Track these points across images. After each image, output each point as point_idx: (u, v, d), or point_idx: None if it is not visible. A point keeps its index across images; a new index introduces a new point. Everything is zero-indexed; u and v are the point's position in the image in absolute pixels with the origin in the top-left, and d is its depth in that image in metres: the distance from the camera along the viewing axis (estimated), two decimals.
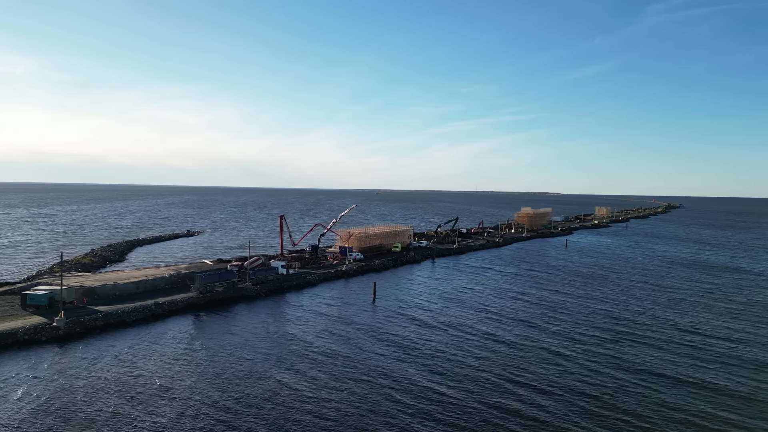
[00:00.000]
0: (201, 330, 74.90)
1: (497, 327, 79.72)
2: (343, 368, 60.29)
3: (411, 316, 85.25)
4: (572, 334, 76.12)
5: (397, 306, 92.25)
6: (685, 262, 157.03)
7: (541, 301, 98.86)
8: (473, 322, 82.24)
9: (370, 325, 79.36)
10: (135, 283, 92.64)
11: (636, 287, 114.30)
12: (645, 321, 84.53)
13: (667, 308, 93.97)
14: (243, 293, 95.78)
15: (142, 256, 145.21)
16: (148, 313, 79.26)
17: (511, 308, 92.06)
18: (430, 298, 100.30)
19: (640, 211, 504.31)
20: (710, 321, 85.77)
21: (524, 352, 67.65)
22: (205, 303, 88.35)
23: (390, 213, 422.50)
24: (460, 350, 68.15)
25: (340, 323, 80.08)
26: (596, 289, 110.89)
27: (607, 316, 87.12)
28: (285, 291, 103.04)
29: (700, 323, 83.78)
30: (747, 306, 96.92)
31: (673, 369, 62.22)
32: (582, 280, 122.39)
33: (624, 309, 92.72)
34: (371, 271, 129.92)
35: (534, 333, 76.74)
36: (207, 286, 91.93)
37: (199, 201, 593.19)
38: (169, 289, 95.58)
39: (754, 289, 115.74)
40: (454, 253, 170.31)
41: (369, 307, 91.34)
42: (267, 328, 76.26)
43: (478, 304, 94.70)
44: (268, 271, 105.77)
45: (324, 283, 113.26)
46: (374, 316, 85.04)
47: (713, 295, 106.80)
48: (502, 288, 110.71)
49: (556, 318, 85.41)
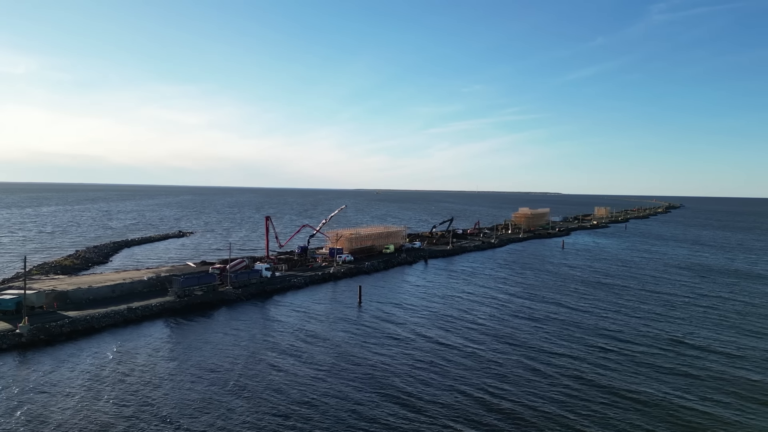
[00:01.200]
0: (174, 336, 71.62)
1: (479, 336, 75.97)
2: (320, 379, 56.98)
3: (396, 322, 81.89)
4: (557, 347, 72.18)
5: (383, 311, 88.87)
6: (681, 265, 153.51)
7: (528, 308, 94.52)
8: (456, 330, 78.85)
9: (354, 332, 76.03)
10: (111, 287, 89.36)
11: (629, 293, 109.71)
12: (634, 331, 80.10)
13: (659, 317, 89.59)
14: (223, 297, 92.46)
15: (127, 258, 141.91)
16: (119, 318, 75.96)
17: (496, 316, 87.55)
18: (418, 302, 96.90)
19: (639, 212, 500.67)
20: (703, 332, 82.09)
21: (502, 366, 64.15)
22: (181, 307, 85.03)
23: (389, 213, 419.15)
24: (441, 360, 64.80)
25: (321, 329, 76.72)
26: (587, 296, 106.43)
27: (596, 326, 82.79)
28: (268, 294, 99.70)
29: (692, 334, 79.57)
30: (741, 316, 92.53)
31: (659, 388, 58.87)
32: (574, 285, 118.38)
33: (614, 318, 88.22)
34: (360, 273, 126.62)
35: (516, 342, 73.06)
36: (185, 289, 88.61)
37: (196, 201, 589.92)
38: (147, 292, 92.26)
39: (750, 295, 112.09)
40: (447, 254, 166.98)
41: (354, 312, 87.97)
42: (242, 335, 72.89)
43: (463, 311, 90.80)
44: (251, 274, 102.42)
45: (310, 286, 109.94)
46: (358, 322, 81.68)
47: (708, 302, 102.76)
48: (490, 293, 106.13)
49: (542, 328, 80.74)
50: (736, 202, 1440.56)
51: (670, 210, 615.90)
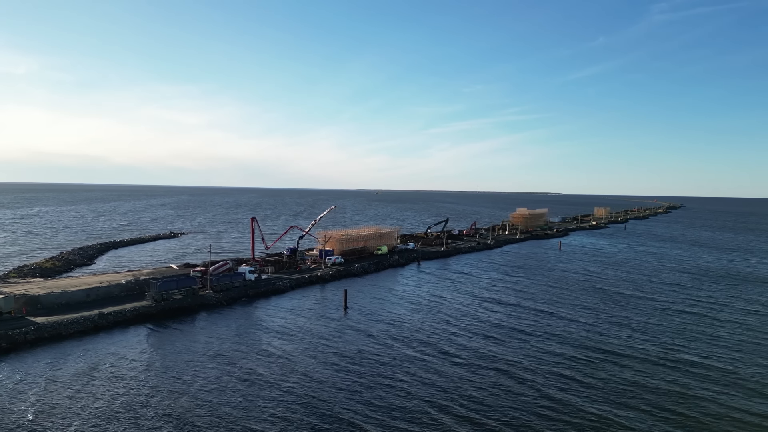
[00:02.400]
0: (144, 344, 68.23)
1: (460, 347, 72.36)
2: (295, 391, 53.60)
3: (382, 329, 78.45)
4: (541, 361, 68.69)
5: (369, 316, 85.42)
6: (678, 268, 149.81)
7: (515, 315, 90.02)
8: (441, 338, 75.51)
9: (337, 338, 72.66)
10: (85, 291, 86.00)
11: (621, 299, 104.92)
12: (623, 343, 76.05)
13: (650, 327, 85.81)
14: (203, 302, 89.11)
15: (112, 260, 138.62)
16: (89, 324, 72.58)
17: (480, 325, 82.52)
18: (405, 307, 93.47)
19: (639, 212, 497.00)
20: (695, 344, 78.79)
21: (477, 381, 60.79)
22: (157, 313, 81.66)
23: (387, 214, 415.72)
24: (420, 372, 61.44)
25: (302, 336, 73.36)
26: (578, 303, 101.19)
27: (583, 338, 78.29)
28: (251, 299, 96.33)
29: (684, 346, 76.21)
30: (736, 325, 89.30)
31: (649, 401, 55.47)
32: (566, 289, 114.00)
33: (604, 325, 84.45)
34: (350, 275, 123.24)
35: (496, 355, 69.07)
36: (163, 294, 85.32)
37: (192, 202, 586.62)
38: (124, 296, 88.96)
39: (748, 303, 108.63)
40: (441, 256, 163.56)
41: (339, 318, 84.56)
42: (217, 343, 69.48)
43: (451, 317, 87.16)
44: (233, 277, 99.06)
45: (296, 289, 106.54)
46: (343, 328, 78.27)
47: (702, 309, 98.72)
48: (478, 299, 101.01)
49: (526, 339, 76.06)
50: (737, 202, 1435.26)
51: (671, 210, 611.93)
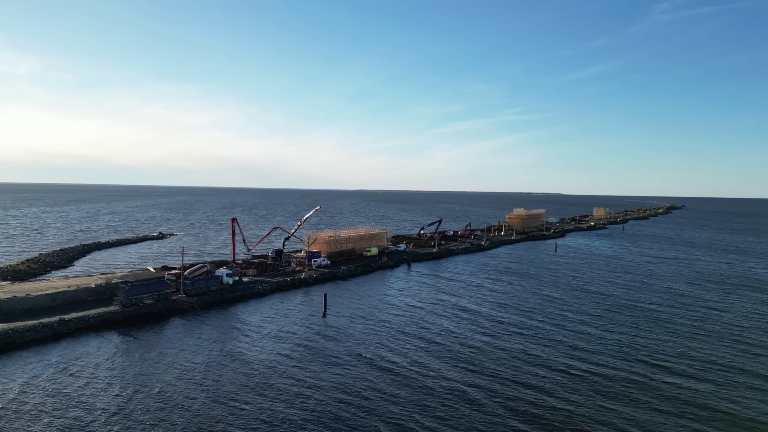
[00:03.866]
0: (105, 353, 64.23)
1: (436, 357, 68.50)
2: (262, 404, 49.62)
3: (359, 337, 74.48)
4: (519, 371, 64.70)
5: (348, 323, 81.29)
6: (672, 271, 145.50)
7: (498, 322, 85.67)
8: (416, 348, 71.54)
9: (312, 346, 68.73)
10: (51, 295, 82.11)
11: (612, 305, 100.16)
12: (608, 354, 71.88)
13: (639, 335, 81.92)
14: (175, 307, 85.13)
15: (92, 262, 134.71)
16: (47, 332, 68.64)
17: (460, 333, 78.51)
18: (388, 312, 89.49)
19: (639, 212, 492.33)
20: (686, 353, 74.73)
21: (450, 398, 56.80)
22: (124, 319, 77.73)
23: (385, 214, 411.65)
24: (392, 384, 57.45)
25: (275, 344, 69.51)
26: (566, 309, 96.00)
27: (567, 347, 74.17)
28: (228, 303, 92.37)
29: (674, 358, 72.05)
30: (731, 335, 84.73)
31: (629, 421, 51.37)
32: (555, 294, 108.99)
33: (589, 336, 79.26)
34: (335, 278, 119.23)
35: (474, 368, 65.30)
36: (132, 298, 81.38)
37: (188, 202, 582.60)
38: (92, 301, 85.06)
39: (745, 312, 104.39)
40: (433, 257, 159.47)
41: (316, 325, 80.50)
42: (180, 352, 65.44)
43: (427, 325, 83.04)
44: (209, 281, 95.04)
45: (277, 293, 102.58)
46: (319, 335, 74.31)
47: (696, 316, 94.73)
48: (463, 304, 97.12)
49: (505, 350, 72.34)
50: (738, 202, 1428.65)
51: (671, 211, 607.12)
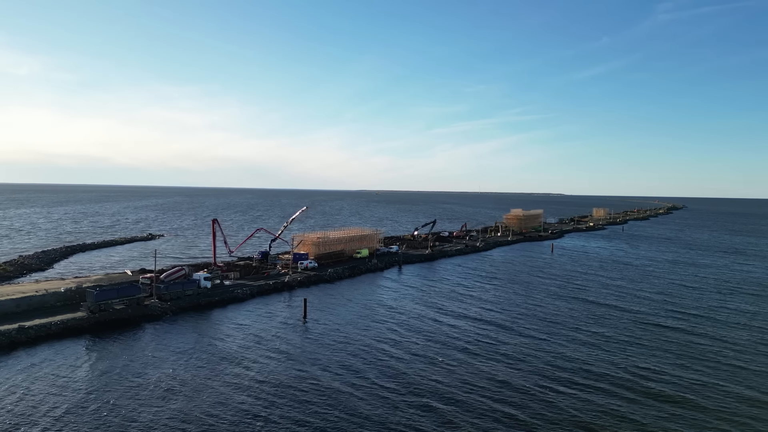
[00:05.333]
0: (66, 363, 60.34)
1: (413, 366, 64.79)
2: (221, 417, 45.77)
3: (338, 347, 70.52)
4: (496, 386, 60.98)
5: (328, 330, 77.28)
6: (668, 275, 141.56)
7: (481, 331, 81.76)
8: (393, 359, 67.62)
9: (285, 356, 64.86)
10: (16, 300, 78.27)
11: (602, 312, 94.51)
12: (592, 367, 67.80)
13: (627, 347, 77.80)
14: (146, 312, 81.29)
15: (72, 265, 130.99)
16: (4, 340, 64.90)
17: (437, 343, 74.19)
18: (371, 319, 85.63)
19: (639, 213, 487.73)
20: (675, 370, 70.75)
21: (414, 418, 52.87)
22: (90, 326, 73.90)
23: (384, 215, 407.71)
24: (365, 400, 53.54)
25: (245, 353, 65.61)
26: (554, 317, 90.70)
27: (548, 360, 70.80)
28: (204, 308, 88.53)
29: (663, 375, 68.15)
30: (720, 352, 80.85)
31: None
32: (546, 300, 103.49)
33: (574, 350, 74.14)
34: (321, 281, 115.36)
35: (449, 380, 61.84)
36: (101, 304, 77.60)
37: (185, 203, 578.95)
38: (60, 306, 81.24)
39: (741, 324, 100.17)
40: (425, 259, 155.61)
41: (294, 331, 76.71)
42: (143, 363, 61.58)
43: (411, 331, 79.56)
44: (186, 285, 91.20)
45: (258, 297, 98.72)
46: (292, 345, 70.43)
47: (686, 325, 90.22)
48: (449, 308, 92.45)
49: (485, 362, 67.84)
50: (739, 203, 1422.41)
51: (672, 211, 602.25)
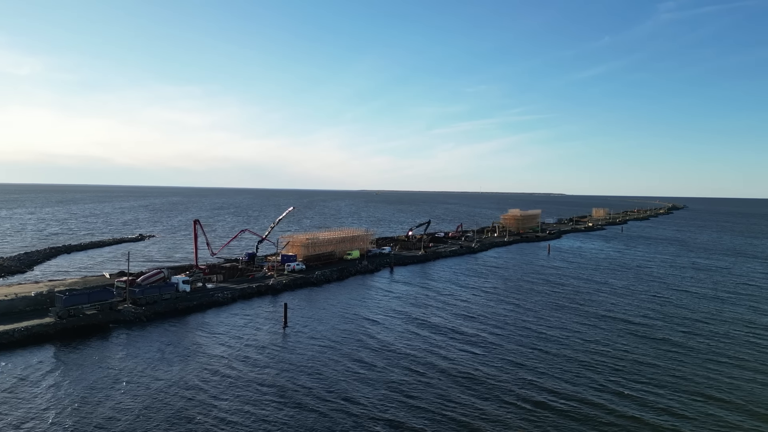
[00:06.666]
0: (21, 375, 56.87)
1: (389, 380, 61.31)
2: None
3: (316, 356, 67.06)
4: (477, 399, 57.59)
5: (308, 338, 73.60)
6: (666, 278, 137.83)
7: (466, 340, 78.48)
8: (374, 369, 64.14)
9: (258, 366, 61.34)
10: None
11: (590, 322, 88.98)
12: (575, 383, 64.03)
13: (615, 360, 74.60)
14: (119, 317, 77.78)
15: (56, 266, 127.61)
16: None
17: (417, 354, 71.36)
18: (355, 324, 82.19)
19: (639, 213, 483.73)
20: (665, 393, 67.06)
21: None
22: (57, 332, 70.39)
23: (382, 216, 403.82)
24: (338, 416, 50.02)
25: (215, 363, 62.08)
26: (544, 328, 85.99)
27: (530, 381, 67.74)
28: (181, 313, 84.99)
29: (651, 393, 64.60)
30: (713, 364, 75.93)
31: None
32: (536, 306, 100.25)
33: (561, 367, 69.11)
34: (307, 284, 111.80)
35: (420, 395, 58.38)
36: (70, 309, 74.13)
37: (181, 203, 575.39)
38: (29, 312, 77.74)
39: (731, 327, 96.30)
40: (418, 261, 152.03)
41: (273, 338, 73.15)
42: (106, 375, 58.04)
43: (395, 340, 76.15)
44: (163, 289, 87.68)
45: (240, 301, 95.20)
46: (271, 352, 66.92)
47: (680, 333, 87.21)
48: (432, 318, 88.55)
49: (468, 376, 64.92)
50: (740, 203, 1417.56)
51: (672, 211, 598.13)
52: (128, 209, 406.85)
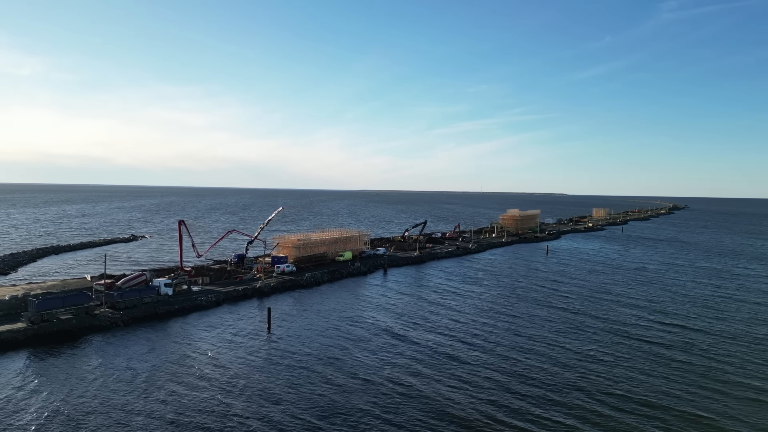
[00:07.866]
0: None
1: (370, 389, 58.24)
2: None
3: (298, 364, 63.92)
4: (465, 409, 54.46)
5: (292, 344, 70.34)
6: (662, 280, 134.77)
7: (455, 345, 76.18)
8: (356, 378, 61.04)
9: (235, 375, 58.24)
10: None
11: (584, 326, 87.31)
12: (564, 391, 61.44)
13: (608, 367, 71.64)
14: (95, 323, 74.70)
15: (41, 268, 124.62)
16: None
17: (404, 361, 69.17)
18: (341, 331, 78.98)
19: (640, 213, 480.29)
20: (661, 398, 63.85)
21: None
22: (26, 338, 67.31)
23: (382, 216, 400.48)
24: None
25: (187, 372, 58.96)
26: (538, 333, 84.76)
27: (522, 382, 64.75)
28: (162, 317, 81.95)
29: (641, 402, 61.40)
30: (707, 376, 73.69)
31: None
32: (529, 312, 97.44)
33: (552, 367, 66.87)
34: (297, 287, 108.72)
35: (401, 410, 55.29)
36: (43, 314, 71.14)
37: (178, 203, 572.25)
38: (3, 316, 74.81)
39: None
40: (413, 262, 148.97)
41: (256, 344, 70.02)
42: (73, 385, 54.99)
43: (383, 346, 73.22)
44: (143, 292, 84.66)
45: (225, 304, 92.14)
46: (251, 360, 63.80)
47: (676, 344, 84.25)
48: (426, 320, 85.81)
49: (445, 380, 61.15)
50: (740, 203, 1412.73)
51: (673, 211, 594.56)
52: (125, 209, 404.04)
